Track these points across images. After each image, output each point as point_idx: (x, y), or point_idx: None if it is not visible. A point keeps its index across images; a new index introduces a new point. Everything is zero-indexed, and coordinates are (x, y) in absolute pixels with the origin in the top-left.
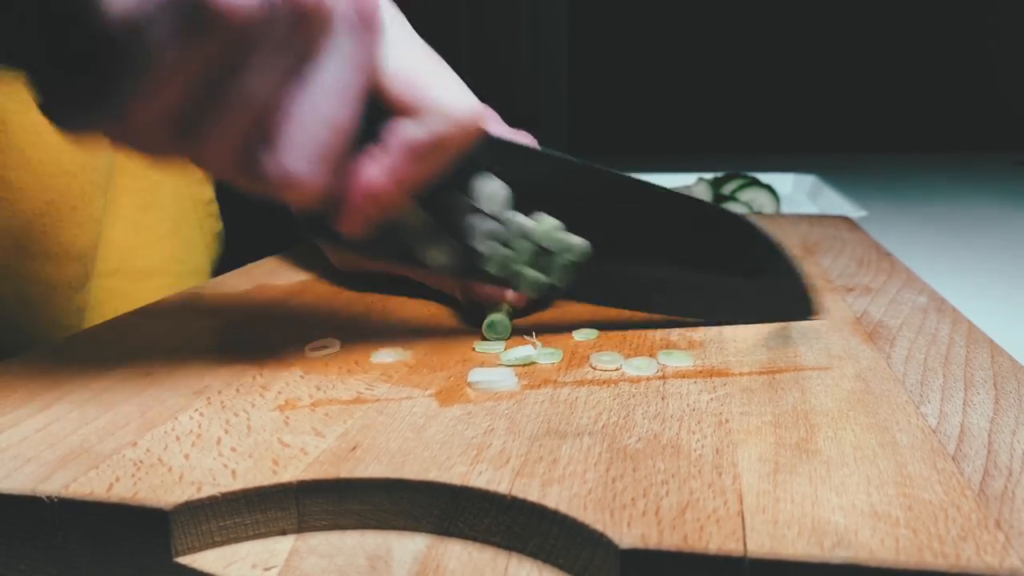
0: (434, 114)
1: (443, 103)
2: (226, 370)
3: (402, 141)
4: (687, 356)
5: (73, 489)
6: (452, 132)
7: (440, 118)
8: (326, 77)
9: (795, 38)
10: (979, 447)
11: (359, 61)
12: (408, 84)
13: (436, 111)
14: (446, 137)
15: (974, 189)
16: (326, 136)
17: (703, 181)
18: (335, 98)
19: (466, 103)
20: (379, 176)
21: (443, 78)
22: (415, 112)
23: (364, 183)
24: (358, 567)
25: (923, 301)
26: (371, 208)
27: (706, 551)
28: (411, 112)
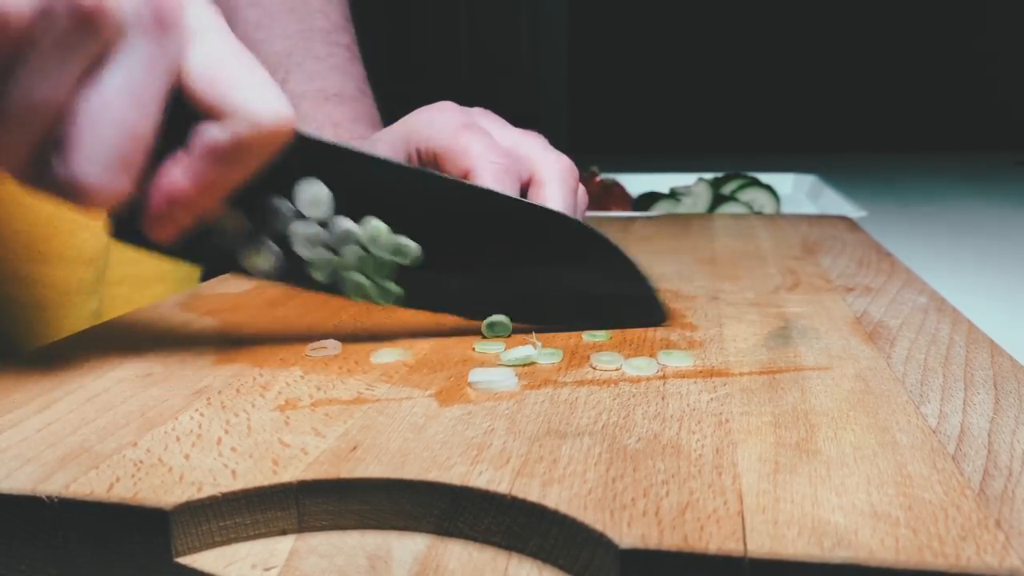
0: (238, 116)
1: (247, 105)
2: (226, 370)
3: (204, 144)
4: (687, 356)
5: (73, 489)
6: (257, 135)
7: (243, 121)
8: (117, 80)
9: (795, 38)
10: (979, 447)
11: (156, 63)
12: (212, 85)
13: (240, 113)
14: (251, 140)
15: (974, 189)
16: (120, 141)
17: (703, 181)
18: (129, 101)
19: (273, 106)
20: (181, 180)
21: (251, 80)
22: (219, 114)
23: (166, 187)
24: (358, 567)
25: (923, 301)
26: (177, 213)
27: (706, 551)
28: (215, 114)
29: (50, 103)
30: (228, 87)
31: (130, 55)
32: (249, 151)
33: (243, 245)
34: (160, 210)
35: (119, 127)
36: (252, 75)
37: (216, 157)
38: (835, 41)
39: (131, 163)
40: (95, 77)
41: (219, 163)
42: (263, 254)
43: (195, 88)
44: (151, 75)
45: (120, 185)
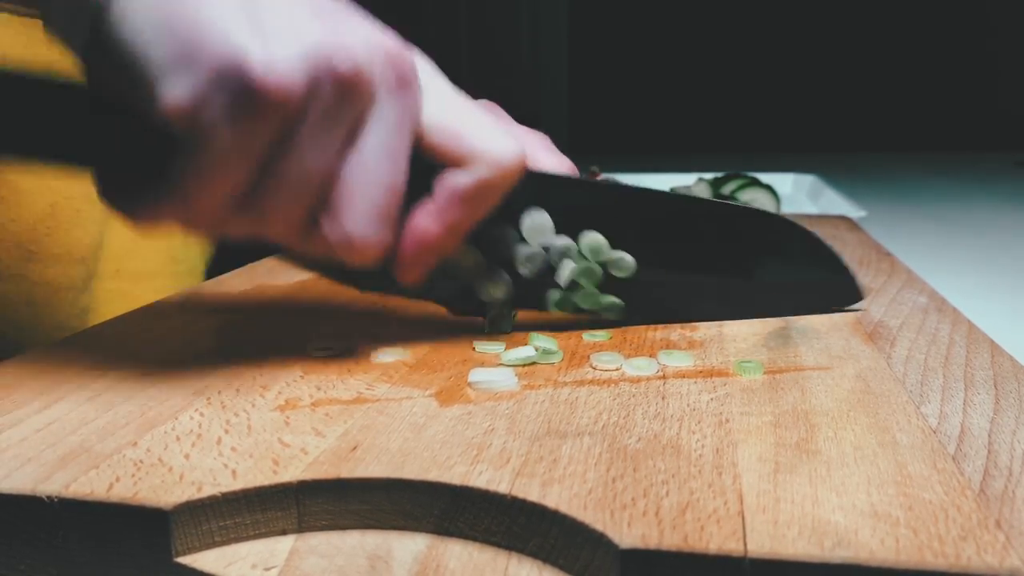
0: (479, 161)
1: (486, 150)
2: (226, 370)
3: (451, 190)
4: (687, 356)
5: (73, 489)
6: (497, 177)
7: (485, 165)
8: (374, 141)
9: (795, 38)
10: (979, 447)
11: (403, 121)
12: (450, 135)
13: (480, 158)
14: (492, 182)
15: (974, 189)
16: (381, 197)
17: (703, 181)
18: (385, 160)
19: (508, 147)
20: (432, 226)
21: (483, 125)
22: (460, 161)
23: (419, 234)
24: (358, 567)
25: (923, 301)
26: (427, 256)
27: (706, 551)
28: (456, 161)
29: (320, 171)
30: (466, 135)
31: (382, 116)
32: (491, 191)
33: (480, 277)
34: (412, 255)
35: (380, 183)
36: (483, 122)
37: (462, 201)
38: (835, 41)
39: (392, 216)
40: (353, 140)
41: (464, 205)
42: (497, 283)
43: (434, 140)
44: (401, 132)
45: (384, 237)
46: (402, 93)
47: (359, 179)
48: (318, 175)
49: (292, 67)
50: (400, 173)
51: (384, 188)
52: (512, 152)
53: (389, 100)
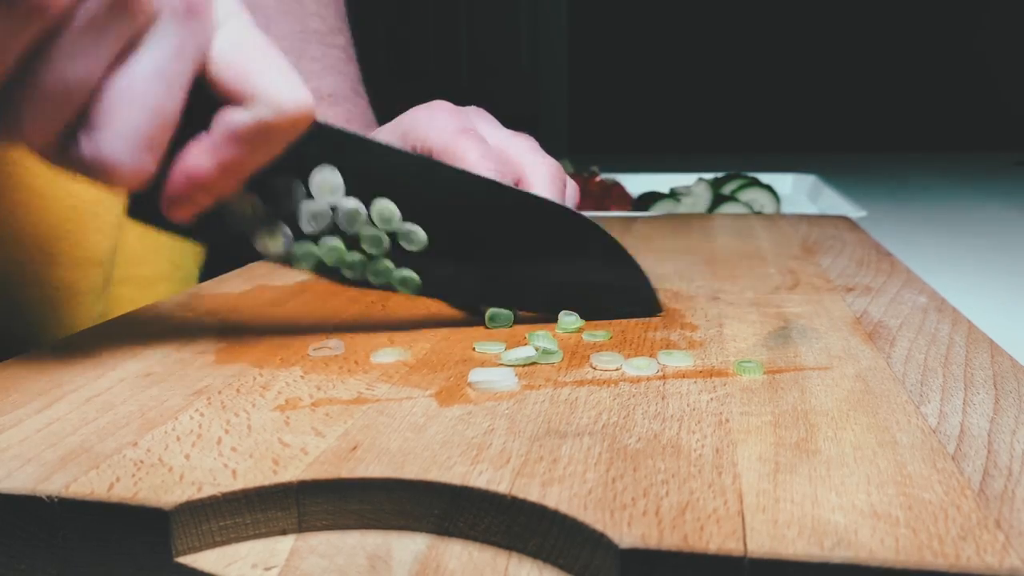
0: (260, 102)
1: (270, 91)
2: (226, 370)
3: (227, 127)
4: (687, 356)
5: (73, 489)
6: (278, 120)
7: (266, 106)
8: (148, 63)
9: (795, 38)
10: (979, 447)
11: (183, 47)
12: (236, 71)
13: (262, 99)
14: (272, 125)
15: (974, 189)
16: (147, 122)
17: (703, 181)
18: (156, 84)
19: (296, 93)
20: (203, 162)
21: (274, 67)
22: (242, 100)
23: (188, 169)
24: (358, 567)
25: (923, 301)
26: (196, 194)
27: (706, 551)
28: (238, 100)
29: (81, 83)
30: (252, 74)
31: (160, 39)
32: (271, 136)
33: (257, 227)
34: (180, 191)
35: (146, 108)
36: (275, 63)
37: (238, 141)
38: (835, 41)
39: (156, 143)
40: (125, 59)
41: (240, 147)
42: (276, 236)
43: (220, 74)
44: (179, 59)
45: (144, 165)
46: (188, 18)
47: (123, 99)
48: (77, 85)
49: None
50: (171, 100)
51: (150, 112)
52: (298, 98)
53: (172, 23)
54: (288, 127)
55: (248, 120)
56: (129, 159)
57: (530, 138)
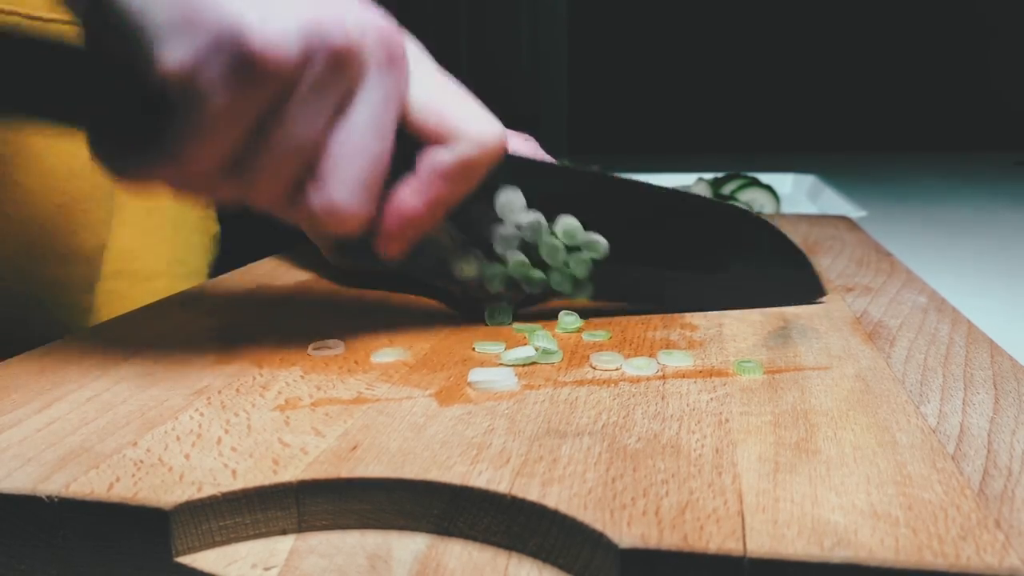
0: (462, 140)
1: (469, 129)
2: (226, 370)
3: (434, 167)
4: (687, 356)
5: (73, 489)
6: (479, 155)
7: (467, 143)
8: (362, 114)
9: (795, 38)
10: (979, 447)
11: (390, 96)
12: (435, 114)
13: (463, 137)
14: (474, 160)
15: (974, 189)
16: (366, 168)
17: (703, 181)
18: (372, 132)
19: (490, 127)
20: (414, 202)
21: (467, 106)
22: (444, 139)
23: (401, 209)
24: (358, 567)
25: (923, 301)
26: (408, 231)
27: (706, 551)
28: (440, 139)
29: (309, 140)
30: (451, 114)
31: (371, 90)
32: (472, 170)
33: (454, 254)
34: (394, 229)
35: (367, 156)
36: (468, 102)
37: (445, 178)
38: (835, 41)
39: (375, 188)
40: (342, 112)
41: (446, 182)
42: (470, 260)
43: (420, 117)
44: (388, 108)
45: (368, 208)
46: (391, 69)
47: (346, 149)
48: (306, 144)
49: (287, 37)
50: (385, 146)
51: (369, 160)
52: (493, 132)
53: (378, 75)
54: (487, 160)
55: (453, 158)
56: (356, 205)
57: (530, 139)
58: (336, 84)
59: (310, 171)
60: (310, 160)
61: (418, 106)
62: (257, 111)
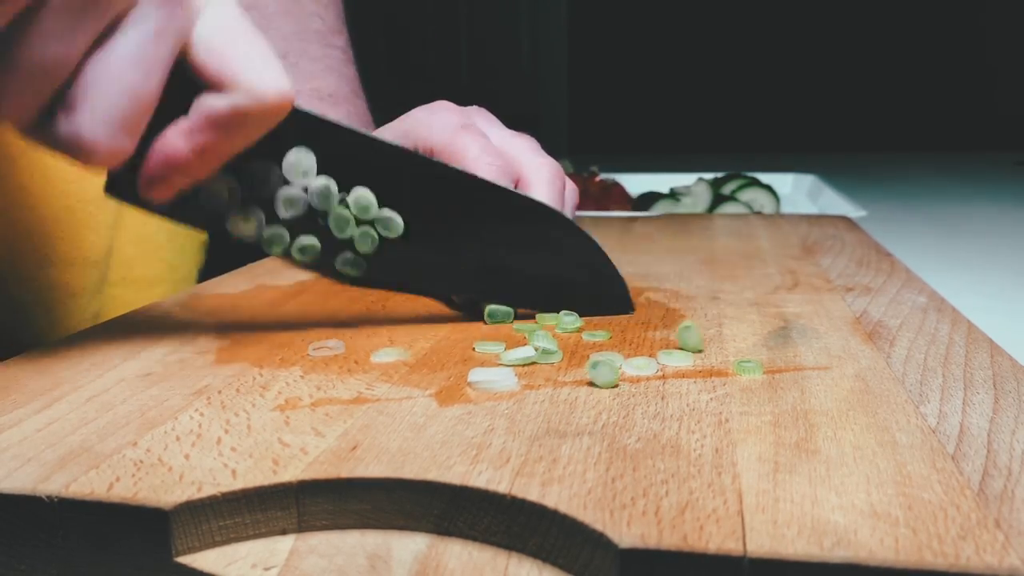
0: (240, 88)
1: (250, 78)
2: (226, 370)
3: (205, 112)
4: (687, 356)
5: (73, 489)
6: (256, 107)
7: (244, 93)
8: (127, 44)
9: (795, 38)
10: (979, 447)
11: (164, 30)
12: (217, 57)
13: (242, 85)
14: (250, 112)
15: (974, 189)
16: (124, 103)
17: (703, 181)
18: (136, 66)
19: (275, 80)
20: (180, 145)
21: (255, 54)
22: (222, 85)
23: (165, 151)
24: (358, 567)
25: (923, 301)
26: (173, 176)
27: (706, 551)
28: (218, 85)
29: (60, 62)
30: (232, 60)
31: (141, 22)
32: (249, 122)
33: (231, 209)
34: (157, 172)
35: (124, 90)
36: (256, 50)
37: (216, 126)
38: (835, 41)
39: (133, 124)
40: (106, 40)
41: (218, 132)
42: (249, 220)
43: (200, 59)
44: (158, 42)
45: (121, 145)
46: (169, 1)
47: (102, 79)
48: (56, 63)
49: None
50: (149, 82)
51: (128, 93)
52: (278, 87)
53: (152, 5)
54: (267, 115)
55: (226, 106)
56: (106, 139)
57: (531, 138)
58: (96, 7)
59: (63, 99)
60: (62, 83)
61: (201, 48)
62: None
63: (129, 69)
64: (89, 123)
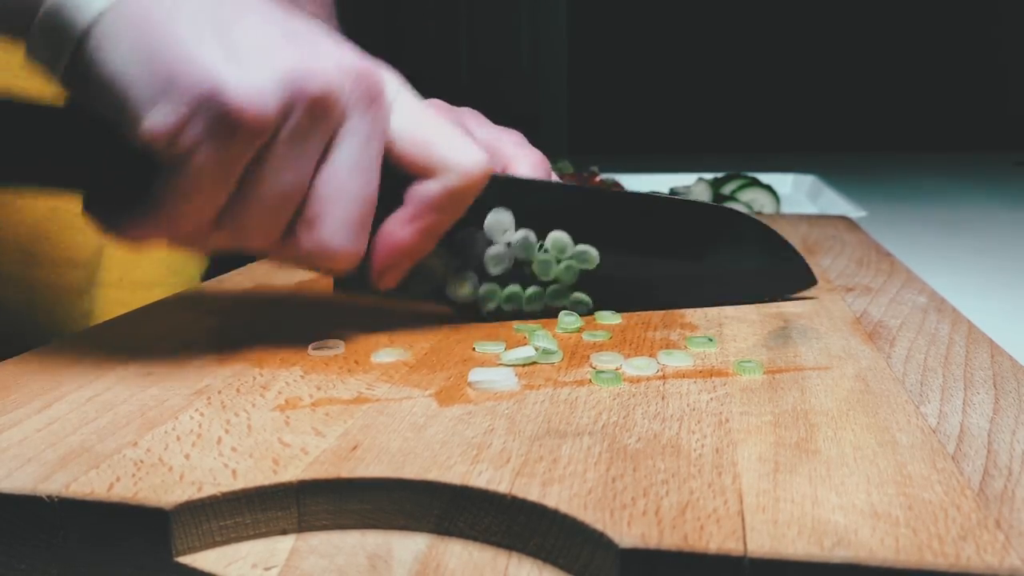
0: (447, 170)
1: (454, 159)
2: (226, 370)
3: (421, 199)
4: (687, 356)
5: (73, 489)
6: (465, 185)
7: (453, 174)
8: (346, 155)
9: (795, 38)
10: (979, 447)
11: (373, 135)
12: (419, 147)
13: (448, 168)
14: (460, 190)
15: (974, 189)
16: (354, 207)
17: (703, 181)
18: (357, 172)
19: (474, 156)
20: (404, 233)
21: (450, 136)
22: (430, 172)
23: (392, 241)
24: (358, 567)
25: (923, 301)
26: (400, 261)
27: (706, 551)
28: (426, 172)
29: (295, 187)
30: (434, 145)
31: (353, 131)
32: (459, 198)
33: (448, 277)
34: (388, 261)
35: (354, 196)
36: (449, 132)
37: (433, 208)
38: (835, 41)
39: (365, 225)
40: (327, 156)
41: (435, 213)
42: (464, 282)
43: (404, 151)
44: (372, 146)
45: (359, 246)
46: (371, 108)
47: (333, 191)
48: (293, 190)
49: (265, 91)
50: (372, 184)
51: (357, 199)
52: (478, 160)
53: (359, 116)
54: (473, 188)
55: (439, 190)
56: (347, 244)
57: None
58: (318, 130)
59: (300, 214)
60: (298, 204)
61: (402, 140)
62: (240, 165)
63: (355, 177)
64: (330, 234)
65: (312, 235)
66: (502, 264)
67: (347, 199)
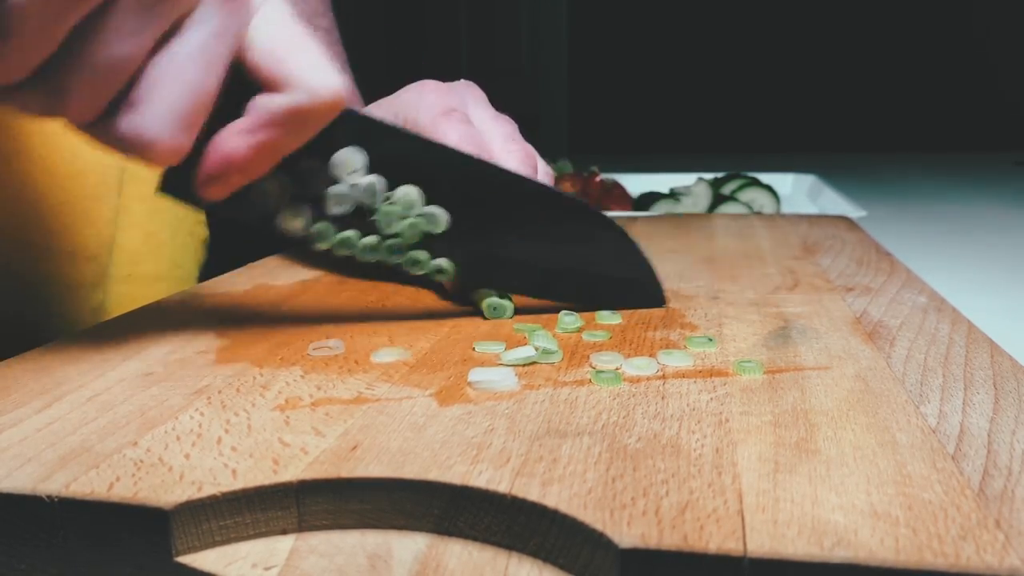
0: (296, 88)
1: (305, 78)
2: (226, 370)
3: (263, 112)
4: (687, 356)
5: (73, 489)
6: (313, 106)
7: (301, 92)
8: (188, 43)
9: (795, 38)
10: (979, 447)
11: (224, 30)
12: (272, 58)
13: (298, 85)
14: (306, 110)
15: (974, 189)
16: (184, 100)
17: (703, 181)
18: (196, 63)
19: (329, 80)
20: (239, 144)
21: (309, 54)
22: (278, 85)
23: (224, 150)
24: (358, 566)
25: (923, 301)
26: (231, 174)
27: (706, 551)
28: (274, 85)
29: (126, 61)
30: (288, 60)
31: (203, 21)
32: (305, 121)
33: (281, 206)
34: (215, 170)
35: (185, 87)
36: (310, 50)
37: (274, 125)
38: (835, 41)
39: (193, 122)
40: (169, 40)
41: (276, 130)
42: (298, 215)
43: (257, 59)
44: (219, 41)
45: (180, 142)
46: (229, 2)
47: (165, 76)
48: (124, 62)
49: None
50: (210, 80)
51: (189, 90)
52: (331, 85)
53: (213, 5)
54: (321, 112)
55: (284, 105)
56: (166, 136)
57: (511, 123)
58: (163, 7)
59: (125, 97)
60: (126, 82)
61: (257, 48)
62: (74, 15)
63: (191, 67)
64: (151, 120)
65: (132, 117)
66: (343, 205)
67: (178, 88)
